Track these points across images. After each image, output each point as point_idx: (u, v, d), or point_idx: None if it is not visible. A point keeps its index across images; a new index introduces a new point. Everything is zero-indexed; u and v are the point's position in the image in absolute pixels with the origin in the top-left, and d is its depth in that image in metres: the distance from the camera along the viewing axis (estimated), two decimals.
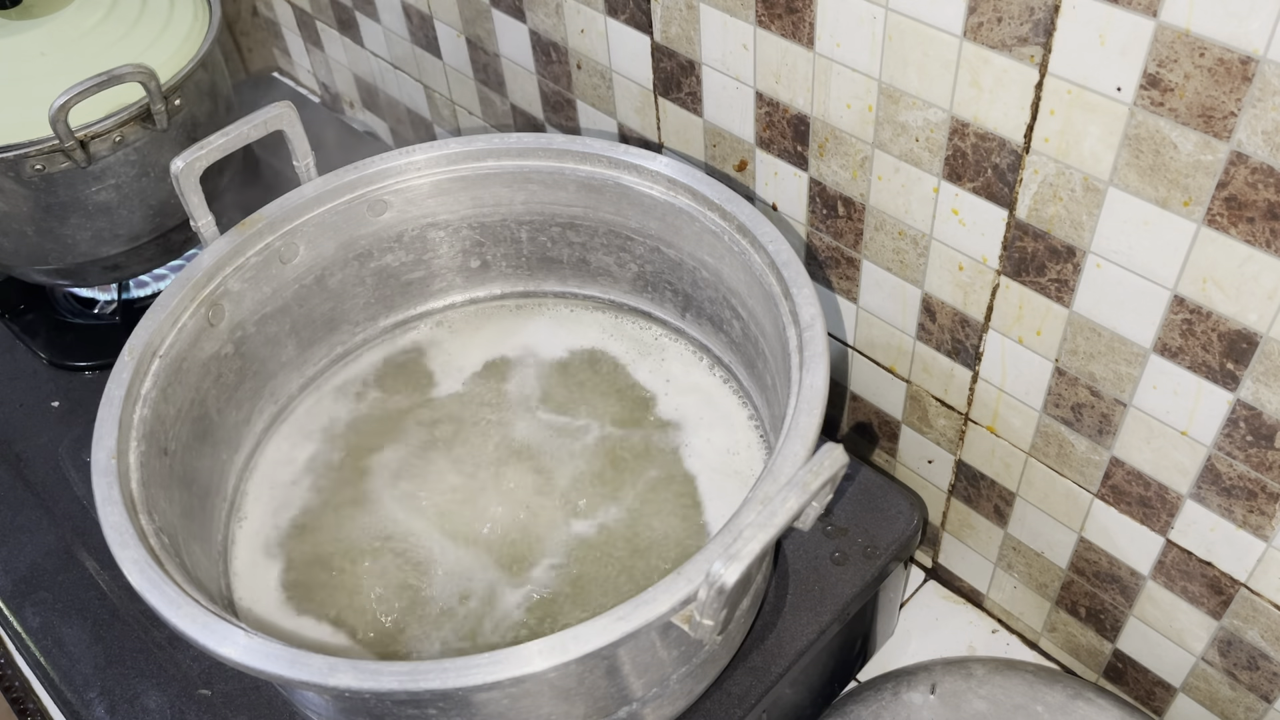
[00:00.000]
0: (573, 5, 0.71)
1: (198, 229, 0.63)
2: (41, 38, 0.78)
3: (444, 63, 0.91)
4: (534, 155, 0.67)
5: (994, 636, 0.74)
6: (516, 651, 0.43)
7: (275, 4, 1.14)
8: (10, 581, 0.70)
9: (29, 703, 0.72)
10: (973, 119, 0.52)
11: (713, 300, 0.66)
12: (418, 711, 0.47)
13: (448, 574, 0.61)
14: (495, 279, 0.75)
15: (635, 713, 0.53)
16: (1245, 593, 0.56)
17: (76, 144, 0.73)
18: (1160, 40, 0.43)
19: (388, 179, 0.68)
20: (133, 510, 0.51)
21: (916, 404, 0.68)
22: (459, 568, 0.61)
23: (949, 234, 0.58)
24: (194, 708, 0.61)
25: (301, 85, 1.22)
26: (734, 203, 0.60)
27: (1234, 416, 0.50)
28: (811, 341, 0.53)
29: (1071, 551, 0.64)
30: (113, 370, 0.56)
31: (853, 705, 0.63)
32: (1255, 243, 0.45)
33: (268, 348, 0.68)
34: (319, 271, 0.69)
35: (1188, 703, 0.64)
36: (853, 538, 0.65)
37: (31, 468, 0.77)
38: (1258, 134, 0.42)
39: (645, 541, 0.62)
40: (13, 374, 0.85)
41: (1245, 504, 0.53)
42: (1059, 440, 0.60)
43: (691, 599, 0.43)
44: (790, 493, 0.43)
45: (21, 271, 0.84)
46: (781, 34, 0.58)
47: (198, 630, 0.45)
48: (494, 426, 0.69)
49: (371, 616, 0.60)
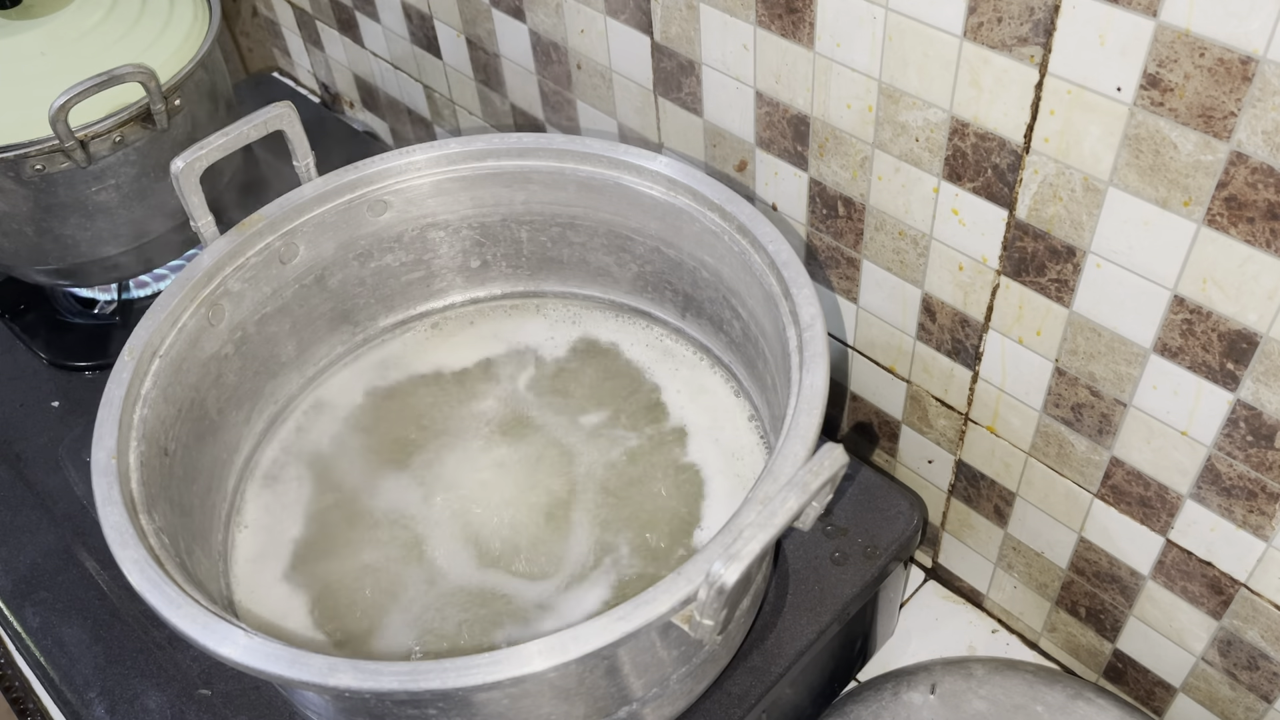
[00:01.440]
0: (573, 5, 0.71)
1: (198, 229, 0.63)
2: (41, 38, 0.78)
3: (444, 63, 0.91)
4: (534, 155, 0.67)
5: (994, 636, 0.74)
6: (516, 651, 0.43)
7: (275, 4, 1.14)
8: (10, 581, 0.70)
9: (29, 703, 0.72)
10: (973, 119, 0.52)
11: (713, 300, 0.66)
12: (418, 711, 0.47)
13: (449, 572, 0.61)
14: (495, 279, 0.75)
15: (635, 713, 0.53)
16: (1245, 593, 0.56)
17: (76, 144, 0.73)
18: (1160, 40, 0.43)
19: (388, 179, 0.68)
20: (133, 510, 0.51)
21: (916, 404, 0.68)
22: (461, 566, 0.61)
23: (949, 234, 0.58)
24: (194, 708, 0.61)
25: (301, 85, 1.22)
26: (734, 203, 0.60)
27: (1234, 416, 0.50)
28: (811, 341, 0.53)
29: (1071, 551, 0.64)
30: (113, 370, 0.56)
31: (853, 705, 0.63)
32: (1255, 243, 0.45)
33: (268, 348, 0.68)
34: (319, 271, 0.69)
35: (1188, 703, 0.64)
36: (853, 538, 0.65)
37: (31, 468, 0.77)
38: (1258, 134, 0.42)
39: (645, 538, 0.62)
40: (13, 374, 0.85)
41: (1245, 504, 0.53)
42: (1059, 440, 0.60)
43: (691, 599, 0.43)
44: (790, 493, 0.43)
45: (21, 271, 0.84)
46: (781, 34, 0.58)
47: (198, 630, 0.45)
48: (494, 426, 0.69)
49: (371, 615, 0.60)
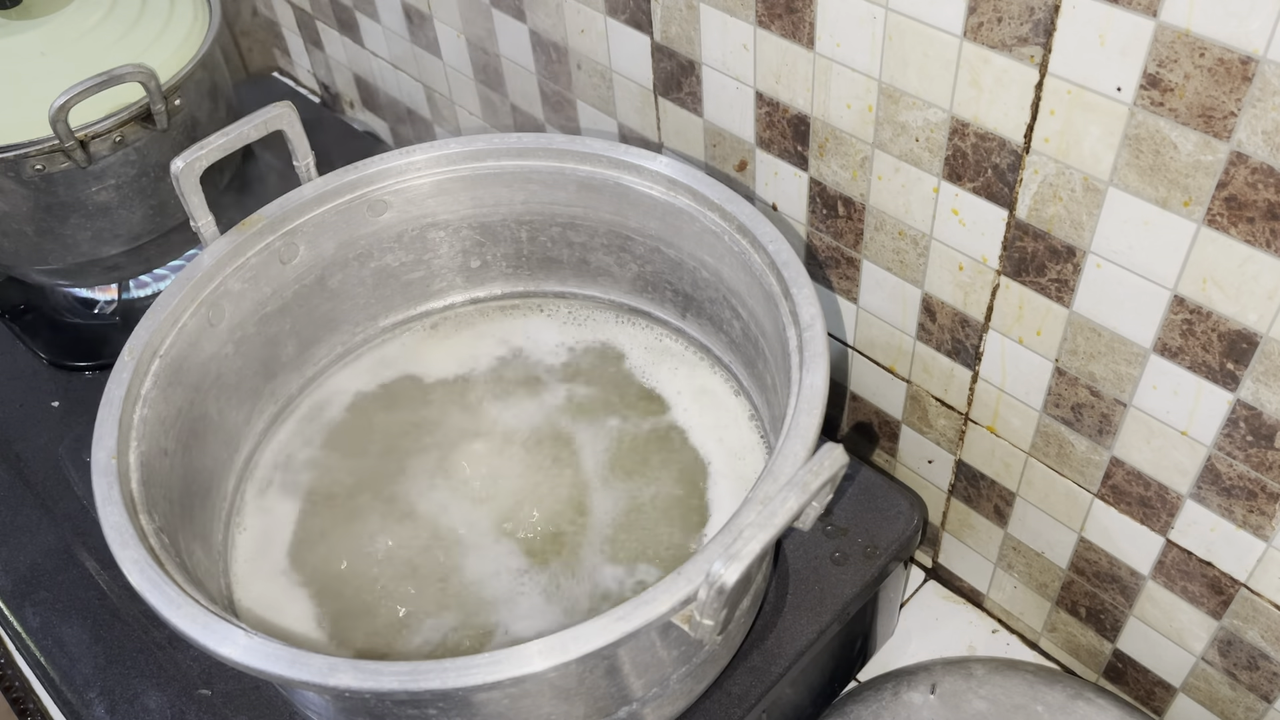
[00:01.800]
0: (573, 5, 0.71)
1: (198, 229, 0.63)
2: (41, 38, 0.78)
3: (444, 63, 0.91)
4: (534, 155, 0.67)
5: (994, 636, 0.74)
6: (516, 651, 0.43)
7: (275, 4, 1.14)
8: (10, 581, 0.70)
9: (29, 703, 0.72)
10: (973, 119, 0.52)
11: (713, 300, 0.66)
12: (418, 712, 0.47)
13: (450, 570, 0.61)
14: (495, 279, 0.75)
15: (635, 713, 0.53)
16: (1245, 593, 0.56)
17: (76, 144, 0.73)
18: (1160, 40, 0.43)
19: (388, 179, 0.68)
20: (133, 510, 0.51)
21: (916, 404, 0.68)
22: (462, 564, 0.61)
23: (949, 234, 0.58)
24: (194, 708, 0.61)
25: (301, 85, 1.22)
26: (734, 203, 0.60)
27: (1234, 416, 0.50)
28: (811, 341, 0.53)
29: (1071, 551, 0.64)
30: (113, 370, 0.56)
31: (853, 705, 0.63)
32: (1255, 243, 0.45)
33: (268, 348, 0.68)
34: (319, 271, 0.69)
35: (1188, 703, 0.64)
36: (853, 538, 0.65)
37: (31, 468, 0.77)
38: (1258, 134, 0.42)
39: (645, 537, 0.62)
40: (13, 374, 0.85)
41: (1245, 504, 0.53)
42: (1059, 440, 0.60)
43: (691, 599, 0.43)
44: (790, 493, 0.43)
45: (21, 271, 0.84)
46: (781, 34, 0.58)
47: (198, 630, 0.45)
48: (494, 426, 0.69)
49: (373, 614, 0.60)
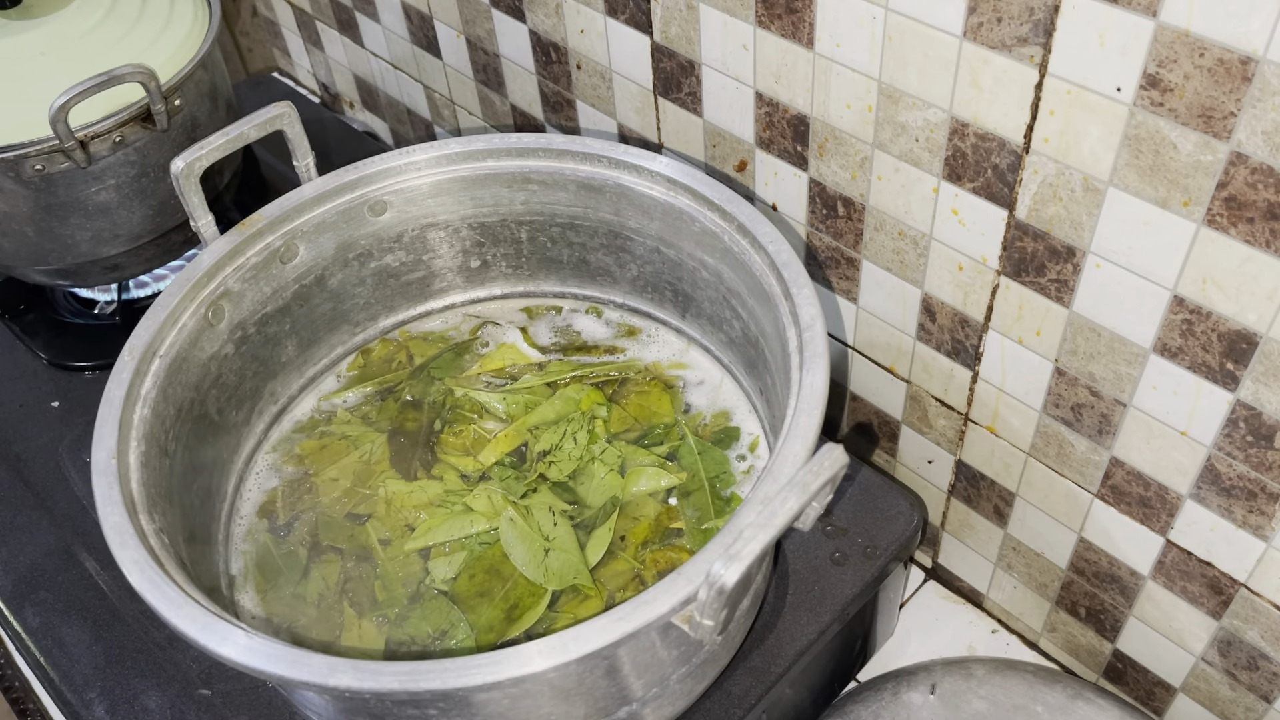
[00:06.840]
0: (573, 5, 0.71)
1: (198, 229, 0.63)
2: (41, 38, 0.78)
3: (444, 63, 0.91)
4: (534, 155, 0.67)
5: (994, 636, 0.74)
6: (516, 652, 0.43)
7: (275, 4, 1.14)
8: (10, 581, 0.70)
9: (29, 703, 0.72)
10: (973, 119, 0.52)
11: (713, 300, 0.66)
12: (418, 711, 0.47)
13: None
14: (495, 279, 0.75)
15: (635, 713, 0.53)
16: (1245, 593, 0.56)
17: (76, 144, 0.73)
18: (1160, 40, 0.43)
19: (388, 179, 0.68)
20: (133, 510, 0.51)
21: (916, 404, 0.68)
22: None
23: (949, 234, 0.58)
24: (194, 708, 0.61)
25: (301, 85, 1.22)
26: (734, 203, 0.60)
27: (1234, 416, 0.50)
28: (811, 341, 0.53)
29: (1071, 551, 0.64)
30: (113, 370, 0.56)
31: (853, 705, 0.63)
32: (1255, 243, 0.45)
33: (268, 348, 0.68)
34: (319, 271, 0.69)
35: (1188, 703, 0.64)
36: (853, 538, 0.65)
37: (31, 468, 0.77)
38: (1257, 134, 0.42)
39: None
40: (13, 374, 0.85)
41: (1245, 504, 0.53)
42: (1059, 440, 0.60)
43: (691, 599, 0.43)
44: (790, 493, 0.43)
45: (21, 271, 0.84)
46: (781, 34, 0.58)
47: (198, 630, 0.45)
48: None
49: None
